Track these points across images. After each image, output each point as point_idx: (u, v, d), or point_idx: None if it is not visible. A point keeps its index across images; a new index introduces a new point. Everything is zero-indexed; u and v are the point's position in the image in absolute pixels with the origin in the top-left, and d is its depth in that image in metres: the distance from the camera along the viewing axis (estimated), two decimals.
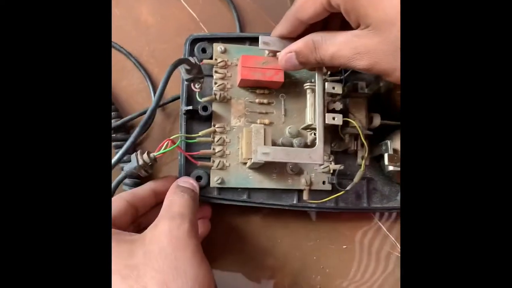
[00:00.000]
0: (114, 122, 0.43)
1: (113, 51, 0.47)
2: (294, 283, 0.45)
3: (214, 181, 0.41)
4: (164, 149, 0.38)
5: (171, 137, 0.38)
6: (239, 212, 0.45)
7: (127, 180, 0.43)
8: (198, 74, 0.39)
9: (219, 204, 0.42)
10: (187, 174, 0.41)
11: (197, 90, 0.40)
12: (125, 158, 0.41)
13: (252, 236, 0.45)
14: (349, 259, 0.46)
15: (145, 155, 0.37)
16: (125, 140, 0.43)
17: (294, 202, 0.43)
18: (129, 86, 0.47)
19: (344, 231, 0.47)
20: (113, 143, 0.44)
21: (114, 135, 0.43)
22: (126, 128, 0.45)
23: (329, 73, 0.45)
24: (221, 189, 0.42)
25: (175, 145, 0.38)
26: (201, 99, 0.41)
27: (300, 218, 0.46)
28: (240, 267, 0.45)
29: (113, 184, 0.38)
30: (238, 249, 0.45)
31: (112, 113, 0.43)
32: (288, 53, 0.37)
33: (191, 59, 0.38)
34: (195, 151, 0.41)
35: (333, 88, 0.40)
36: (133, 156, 0.37)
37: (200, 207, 0.40)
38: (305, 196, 0.43)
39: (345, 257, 0.46)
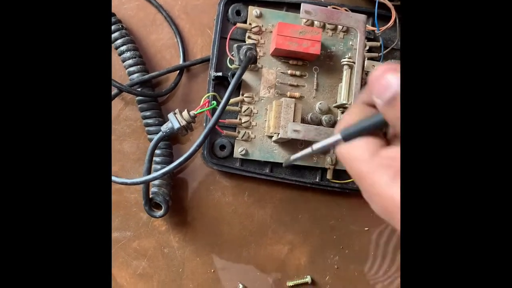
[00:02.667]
0: (141, 76, 0.42)
1: (144, 2, 0.45)
2: (312, 261, 0.45)
3: (237, 152, 0.40)
4: (200, 108, 0.37)
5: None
6: (261, 184, 0.44)
7: (157, 151, 0.42)
8: (253, 63, 0.37)
9: (241, 175, 0.42)
10: (211, 142, 0.40)
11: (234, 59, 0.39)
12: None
13: (272, 210, 0.44)
14: (370, 241, 0.46)
15: (185, 113, 0.36)
16: (149, 96, 0.42)
17: (317, 180, 0.42)
18: (158, 41, 0.45)
19: (368, 212, 0.46)
20: (137, 98, 0.43)
21: (139, 89, 0.42)
22: (152, 84, 0.44)
23: (367, 48, 0.42)
24: (244, 161, 0.41)
25: (211, 106, 0.37)
26: (231, 65, 0.39)
27: (322, 195, 0.45)
28: (259, 238, 0.44)
29: (151, 144, 0.38)
30: (258, 221, 0.44)
31: (139, 66, 0.42)
32: None
33: (254, 52, 0.37)
34: (221, 119, 0.40)
35: (373, 66, 0.38)
36: (171, 115, 0.37)
37: None
38: (329, 175, 0.42)
39: (366, 240, 0.46)
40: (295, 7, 0.41)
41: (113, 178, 0.38)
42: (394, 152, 0.22)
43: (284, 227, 0.45)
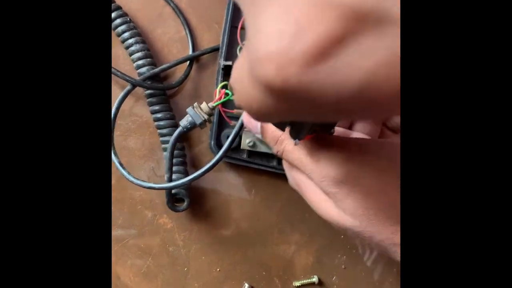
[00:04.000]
0: (150, 69, 0.41)
1: None
2: (318, 260, 0.44)
3: (245, 143, 0.39)
4: (218, 100, 0.37)
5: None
6: (269, 179, 0.43)
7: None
8: None
9: (249, 168, 0.41)
10: (219, 132, 0.39)
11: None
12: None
13: (279, 208, 0.43)
14: None
15: (204, 106, 0.36)
16: (161, 89, 0.41)
17: None
18: (164, 35, 0.44)
19: None
20: (146, 92, 0.42)
21: (148, 83, 0.41)
22: (159, 78, 0.43)
23: None
24: (251, 153, 0.40)
25: (227, 98, 0.37)
26: None
27: None
28: (265, 237, 0.43)
29: (172, 141, 0.37)
30: (264, 220, 0.43)
31: (148, 60, 0.41)
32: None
33: None
34: (230, 110, 0.39)
35: None
36: (190, 110, 0.36)
37: None
38: None
39: None
40: None
41: (139, 182, 0.37)
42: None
43: (291, 227, 0.44)
